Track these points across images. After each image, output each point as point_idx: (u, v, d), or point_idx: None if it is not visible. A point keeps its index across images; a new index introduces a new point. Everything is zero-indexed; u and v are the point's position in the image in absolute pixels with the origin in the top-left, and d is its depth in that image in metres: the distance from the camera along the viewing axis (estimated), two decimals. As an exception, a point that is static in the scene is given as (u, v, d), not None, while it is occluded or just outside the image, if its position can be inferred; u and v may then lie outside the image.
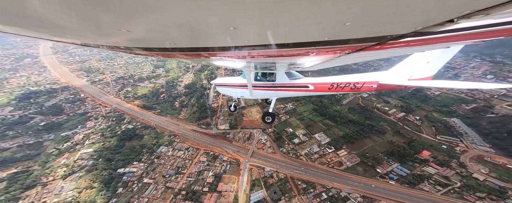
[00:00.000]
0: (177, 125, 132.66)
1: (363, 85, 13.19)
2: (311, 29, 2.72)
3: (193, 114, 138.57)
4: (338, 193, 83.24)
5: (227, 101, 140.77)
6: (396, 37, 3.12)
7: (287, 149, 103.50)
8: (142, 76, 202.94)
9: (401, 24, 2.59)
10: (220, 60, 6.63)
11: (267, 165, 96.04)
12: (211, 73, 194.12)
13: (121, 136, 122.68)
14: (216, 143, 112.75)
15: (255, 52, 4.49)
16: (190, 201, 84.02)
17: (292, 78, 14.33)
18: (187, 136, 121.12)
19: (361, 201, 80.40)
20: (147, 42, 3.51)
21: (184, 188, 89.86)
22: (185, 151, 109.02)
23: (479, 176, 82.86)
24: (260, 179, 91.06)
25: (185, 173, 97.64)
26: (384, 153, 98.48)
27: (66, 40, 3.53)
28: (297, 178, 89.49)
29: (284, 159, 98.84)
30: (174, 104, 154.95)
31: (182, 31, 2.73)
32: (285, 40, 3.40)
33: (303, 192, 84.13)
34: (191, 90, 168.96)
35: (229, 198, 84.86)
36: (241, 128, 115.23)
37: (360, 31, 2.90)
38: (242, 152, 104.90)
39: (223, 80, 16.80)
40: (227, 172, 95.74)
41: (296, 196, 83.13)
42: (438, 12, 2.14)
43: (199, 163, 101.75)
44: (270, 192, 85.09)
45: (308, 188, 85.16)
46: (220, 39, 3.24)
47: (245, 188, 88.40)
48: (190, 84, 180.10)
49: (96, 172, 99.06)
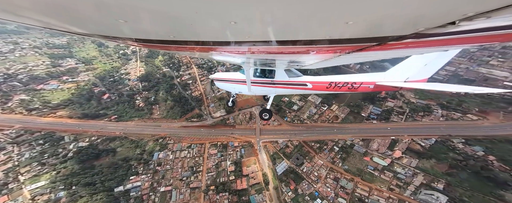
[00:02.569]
0: (158, 126, 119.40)
1: (360, 86, 13.42)
2: (313, 27, 2.75)
3: (172, 109, 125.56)
4: (344, 142, 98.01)
5: (211, 85, 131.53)
6: (396, 38, 3.18)
7: (290, 117, 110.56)
8: (36, 74, 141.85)
9: (403, 25, 2.64)
10: (220, 54, 6.63)
11: (279, 138, 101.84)
12: (171, 58, 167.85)
13: (78, 157, 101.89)
14: (218, 132, 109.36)
15: (255, 48, 4.51)
16: (225, 193, 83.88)
17: (291, 76, 14.43)
18: (179, 134, 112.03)
19: (362, 144, 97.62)
20: (145, 33, 3.48)
21: (211, 184, 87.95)
22: (188, 150, 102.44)
23: (413, 100, 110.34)
24: (277, 152, 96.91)
25: (202, 170, 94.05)
26: (361, 99, 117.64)
27: (48, 25, 3.31)
28: (309, 141, 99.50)
29: (291, 127, 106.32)
30: (134, 103, 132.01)
31: (182, 24, 2.75)
32: (286, 37, 3.41)
33: (319, 151, 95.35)
34: (153, 83, 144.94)
35: (258, 177, 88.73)
36: (238, 110, 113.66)
37: (362, 31, 2.94)
38: (250, 132, 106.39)
39: (222, 75, 16.81)
40: (244, 155, 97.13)
41: (315, 156, 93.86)
42: (440, 14, 2.18)
43: (211, 157, 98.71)
44: (292, 160, 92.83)
45: (322, 146, 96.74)
46: (220, 33, 3.24)
47: (268, 164, 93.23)
48: (145, 75, 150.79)
49: (85, 199, 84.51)
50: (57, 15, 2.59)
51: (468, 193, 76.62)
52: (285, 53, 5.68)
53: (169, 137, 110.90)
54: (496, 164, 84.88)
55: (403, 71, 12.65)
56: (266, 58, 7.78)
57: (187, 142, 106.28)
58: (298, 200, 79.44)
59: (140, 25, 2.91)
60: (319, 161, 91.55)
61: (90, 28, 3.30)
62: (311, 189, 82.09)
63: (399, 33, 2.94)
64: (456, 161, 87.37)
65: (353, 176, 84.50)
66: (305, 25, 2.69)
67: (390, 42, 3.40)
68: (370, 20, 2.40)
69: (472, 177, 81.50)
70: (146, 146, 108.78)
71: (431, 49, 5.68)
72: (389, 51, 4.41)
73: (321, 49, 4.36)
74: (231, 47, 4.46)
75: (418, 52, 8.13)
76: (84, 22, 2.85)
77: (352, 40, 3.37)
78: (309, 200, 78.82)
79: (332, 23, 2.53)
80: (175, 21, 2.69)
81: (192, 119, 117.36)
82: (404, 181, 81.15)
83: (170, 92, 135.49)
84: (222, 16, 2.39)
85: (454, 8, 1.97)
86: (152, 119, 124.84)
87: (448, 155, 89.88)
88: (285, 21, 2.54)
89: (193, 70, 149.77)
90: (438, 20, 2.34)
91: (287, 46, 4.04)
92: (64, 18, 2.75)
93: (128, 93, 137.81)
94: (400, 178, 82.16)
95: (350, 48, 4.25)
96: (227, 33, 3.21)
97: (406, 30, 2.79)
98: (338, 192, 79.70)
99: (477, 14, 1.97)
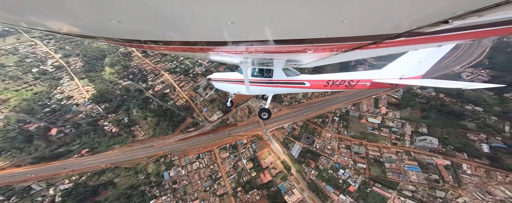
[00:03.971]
0: (150, 146, 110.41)
1: (357, 83, 13.66)
2: (310, 26, 2.77)
3: (158, 126, 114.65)
4: (340, 111, 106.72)
5: (206, 86, 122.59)
6: (391, 37, 3.25)
7: (287, 100, 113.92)
8: None
9: (397, 24, 2.70)
10: (217, 55, 6.61)
11: (284, 123, 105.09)
12: (126, 68, 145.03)
13: (74, 199, 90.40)
14: (222, 135, 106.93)
15: (252, 48, 4.53)
16: (253, 190, 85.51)
17: (289, 75, 14.62)
18: (181, 148, 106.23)
19: (354, 108, 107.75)
20: (139, 34, 3.44)
21: (236, 186, 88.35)
22: (198, 160, 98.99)
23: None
24: (287, 137, 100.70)
25: (222, 175, 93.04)
26: (338, 70, 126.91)
27: (47, 28, 3.21)
28: (311, 117, 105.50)
29: (291, 110, 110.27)
30: (103, 130, 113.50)
31: (179, 24, 2.74)
32: (283, 37, 3.43)
33: (323, 125, 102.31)
34: (117, 102, 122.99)
35: (278, 166, 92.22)
36: (234, 107, 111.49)
37: (357, 30, 2.99)
38: (254, 126, 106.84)
39: (220, 76, 16.88)
40: (257, 149, 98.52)
41: (321, 131, 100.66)
42: (433, 13, 2.23)
43: (225, 160, 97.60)
44: (303, 140, 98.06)
45: (324, 120, 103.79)
46: (217, 33, 3.22)
47: (282, 151, 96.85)
48: (99, 95, 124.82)
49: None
50: (49, 13, 2.49)
51: (444, 130, 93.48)
52: (283, 53, 5.78)
53: (170, 153, 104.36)
54: (446, 99, 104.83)
55: (398, 69, 13.01)
56: (264, 57, 7.83)
57: (194, 153, 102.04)
58: (322, 175, 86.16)
59: (135, 26, 2.89)
60: (326, 134, 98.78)
61: (80, 28, 3.21)
62: (330, 162, 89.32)
63: (394, 32, 3.05)
64: (422, 104, 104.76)
65: (360, 140, 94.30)
66: (302, 24, 2.74)
67: (385, 40, 3.52)
68: (366, 19, 2.49)
69: (439, 115, 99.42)
70: (148, 169, 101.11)
71: (425, 45, 5.91)
72: (385, 48, 4.56)
73: (318, 48, 4.47)
74: (228, 47, 4.49)
75: (412, 48, 8.46)
76: (75, 21, 2.76)
77: (348, 38, 3.50)
78: (332, 172, 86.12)
79: (328, 22, 2.60)
80: (171, 22, 2.68)
81: (188, 130, 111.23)
82: (399, 133, 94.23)
83: (147, 108, 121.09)
84: (218, 17, 2.41)
85: (447, 7, 2.06)
86: (138, 141, 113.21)
87: (416, 101, 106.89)
88: (281, 20, 2.57)
89: (165, 78, 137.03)
90: (431, 19, 2.44)
91: (284, 46, 4.12)
92: (56, 17, 2.63)
93: (87, 122, 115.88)
94: (395, 131, 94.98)
95: (347, 47, 4.43)
96: (224, 33, 3.23)
97: (400, 29, 2.91)
98: (355, 158, 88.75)
99: (468, 12, 2.06)
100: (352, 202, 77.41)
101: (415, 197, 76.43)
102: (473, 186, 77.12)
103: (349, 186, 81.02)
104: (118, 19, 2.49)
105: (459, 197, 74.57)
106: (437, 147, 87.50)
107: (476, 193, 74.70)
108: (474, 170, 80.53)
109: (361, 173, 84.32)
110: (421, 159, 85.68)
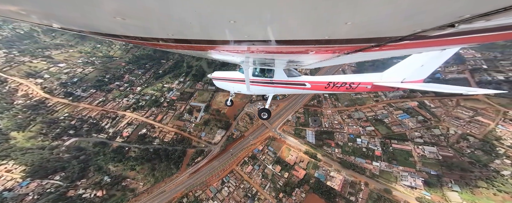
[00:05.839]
0: (162, 192, 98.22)
1: (358, 86, 13.56)
2: (312, 27, 2.76)
3: (156, 169, 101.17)
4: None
5: (179, 118, 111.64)
6: (395, 39, 3.18)
7: (279, 94, 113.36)
8: None
9: (401, 27, 2.64)
10: (219, 53, 6.41)
11: (287, 115, 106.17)
12: (49, 124, 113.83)
13: None
14: (233, 152, 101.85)
15: (254, 48, 4.52)
16: (295, 189, 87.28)
17: (290, 75, 14.56)
18: (199, 181, 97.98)
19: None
20: (142, 31, 3.46)
21: (276, 193, 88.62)
22: (224, 185, 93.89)
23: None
24: (296, 127, 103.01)
25: (257, 189, 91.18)
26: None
27: (49, 24, 3.27)
28: (308, 101, 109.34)
29: (288, 101, 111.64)
30: (84, 198, 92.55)
31: (181, 22, 2.74)
32: (285, 37, 3.40)
33: (320, 105, 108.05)
34: (75, 167, 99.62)
35: (304, 158, 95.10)
36: (234, 119, 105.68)
37: (360, 32, 2.94)
38: (261, 130, 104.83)
39: (221, 74, 16.79)
40: (276, 150, 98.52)
41: (321, 110, 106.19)
42: (439, 16, 2.18)
43: (251, 174, 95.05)
44: (312, 125, 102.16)
45: (319, 99, 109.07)
46: (219, 32, 3.21)
47: (299, 142, 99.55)
48: (36, 167, 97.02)
49: None
50: (54, 11, 2.62)
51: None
52: (284, 53, 5.78)
53: (191, 191, 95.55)
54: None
55: (400, 72, 12.86)
56: (265, 57, 7.88)
57: (216, 180, 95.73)
58: (345, 150, 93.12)
59: (139, 23, 2.95)
60: (327, 111, 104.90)
61: (85, 25, 3.32)
62: (345, 135, 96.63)
63: (398, 35, 3.02)
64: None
65: (354, 107, 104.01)
66: (304, 25, 2.76)
67: (389, 43, 3.48)
68: (369, 21, 2.44)
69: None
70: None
71: (430, 48, 5.81)
72: (388, 51, 4.53)
73: (320, 49, 4.43)
74: (230, 46, 4.51)
75: (416, 51, 8.35)
76: (81, 19, 2.85)
77: (351, 40, 3.45)
78: (352, 144, 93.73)
79: (331, 23, 2.59)
80: (175, 20, 2.71)
81: (195, 160, 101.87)
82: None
83: (127, 158, 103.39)
84: (221, 15, 2.44)
85: (453, 11, 2.01)
86: (142, 193, 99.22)
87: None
88: (284, 20, 2.59)
89: (129, 118, 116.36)
90: (437, 22, 2.39)
91: (286, 46, 4.12)
92: (61, 15, 2.75)
93: (48, 199, 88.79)
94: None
95: (349, 49, 4.35)
96: (226, 32, 3.24)
97: (405, 32, 2.86)
98: (361, 124, 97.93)
99: (475, 16, 2.02)
100: (387, 165, 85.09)
101: (427, 141, 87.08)
102: (446, 116, 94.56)
103: (374, 151, 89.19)
104: (122, 16, 2.52)
105: (448, 129, 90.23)
106: (402, 93, 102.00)
107: (452, 122, 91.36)
108: (437, 103, 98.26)
109: (374, 135, 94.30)
110: (400, 106, 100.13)
